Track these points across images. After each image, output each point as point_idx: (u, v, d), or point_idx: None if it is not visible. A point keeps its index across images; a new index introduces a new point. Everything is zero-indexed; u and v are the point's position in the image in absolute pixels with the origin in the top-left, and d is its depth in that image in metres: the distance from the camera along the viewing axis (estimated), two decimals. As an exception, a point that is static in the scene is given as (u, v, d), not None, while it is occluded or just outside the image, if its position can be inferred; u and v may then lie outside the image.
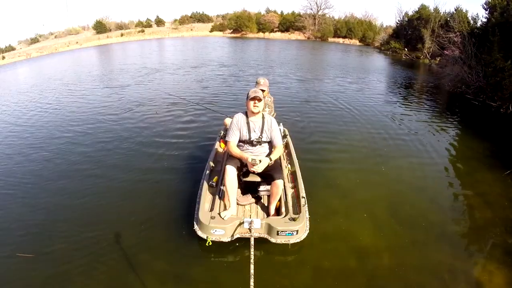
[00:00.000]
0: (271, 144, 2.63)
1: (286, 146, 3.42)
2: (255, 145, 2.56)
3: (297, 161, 3.10)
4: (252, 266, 1.81)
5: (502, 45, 7.25)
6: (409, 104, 7.49)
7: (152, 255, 2.40)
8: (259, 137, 2.53)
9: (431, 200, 3.42)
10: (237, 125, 2.55)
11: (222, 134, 3.48)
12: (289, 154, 3.28)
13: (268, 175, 2.53)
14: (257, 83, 3.28)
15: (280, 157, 2.96)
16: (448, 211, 3.23)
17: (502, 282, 2.32)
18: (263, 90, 3.15)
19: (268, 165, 2.45)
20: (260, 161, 2.40)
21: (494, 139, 5.31)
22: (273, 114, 3.62)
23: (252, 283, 1.73)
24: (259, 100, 2.42)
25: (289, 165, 3.10)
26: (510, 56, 6.83)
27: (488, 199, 3.47)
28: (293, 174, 2.95)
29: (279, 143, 2.58)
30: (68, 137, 4.91)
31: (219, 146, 3.36)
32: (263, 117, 2.56)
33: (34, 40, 30.54)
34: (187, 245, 2.46)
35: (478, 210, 3.29)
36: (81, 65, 14.19)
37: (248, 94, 2.49)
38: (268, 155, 2.59)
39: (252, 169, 2.45)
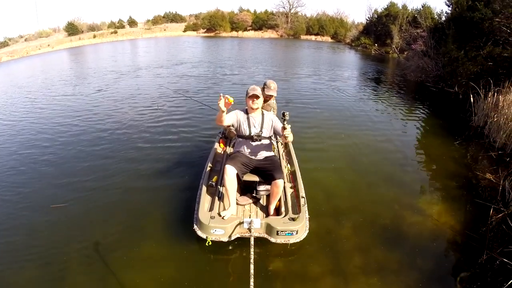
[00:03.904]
0: (271, 140, 2.68)
1: (286, 145, 3.42)
2: (255, 140, 2.59)
3: (296, 161, 3.09)
4: (252, 266, 1.80)
5: (456, 37, 7.99)
6: (378, 92, 8.19)
7: (151, 255, 2.39)
8: (259, 132, 2.58)
9: (384, 157, 4.20)
10: (236, 115, 2.60)
11: (221, 134, 3.49)
12: (288, 154, 3.25)
13: (269, 175, 2.51)
14: (267, 86, 3.09)
15: (280, 157, 3.04)
16: (398, 164, 4.01)
17: (440, 209, 3.03)
18: (270, 96, 3.11)
19: (288, 141, 2.49)
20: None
21: (447, 118, 6.00)
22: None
23: (252, 283, 1.72)
24: (257, 97, 2.51)
25: (288, 165, 3.08)
26: (463, 47, 7.58)
27: (433, 156, 4.31)
28: (292, 174, 2.93)
29: None
30: (63, 142, 4.68)
31: (218, 146, 3.34)
32: (262, 113, 2.62)
33: (4, 44, 28.19)
34: (186, 245, 2.42)
35: (424, 163, 4.09)
36: (55, 69, 13.32)
37: (247, 91, 2.56)
38: (270, 150, 2.68)
39: (285, 133, 2.30)
